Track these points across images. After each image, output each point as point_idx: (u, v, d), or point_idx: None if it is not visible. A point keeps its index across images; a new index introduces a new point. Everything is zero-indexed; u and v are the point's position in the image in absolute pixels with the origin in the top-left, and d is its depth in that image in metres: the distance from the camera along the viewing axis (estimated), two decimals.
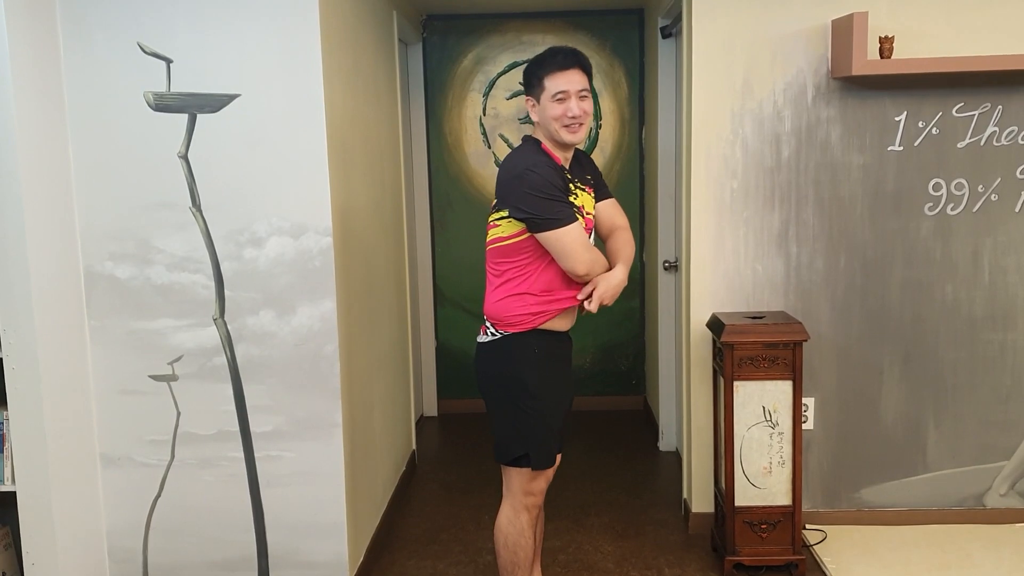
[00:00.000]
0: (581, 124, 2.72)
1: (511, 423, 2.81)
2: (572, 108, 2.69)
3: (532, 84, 2.75)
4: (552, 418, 2.83)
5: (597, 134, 5.42)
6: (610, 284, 2.77)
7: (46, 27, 2.88)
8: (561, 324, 2.84)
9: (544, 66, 2.72)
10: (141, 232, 3.03)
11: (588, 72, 2.76)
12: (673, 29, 4.41)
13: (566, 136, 2.72)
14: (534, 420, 2.79)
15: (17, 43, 2.71)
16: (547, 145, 2.77)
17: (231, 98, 2.96)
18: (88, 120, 2.97)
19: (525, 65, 2.83)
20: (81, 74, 2.95)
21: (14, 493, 2.89)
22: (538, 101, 2.74)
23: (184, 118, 2.97)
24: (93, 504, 3.12)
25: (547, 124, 2.73)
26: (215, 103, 2.96)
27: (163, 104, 2.96)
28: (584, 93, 2.72)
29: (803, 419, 3.44)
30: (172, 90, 2.95)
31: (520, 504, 2.87)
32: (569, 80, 2.69)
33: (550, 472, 2.88)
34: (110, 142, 2.98)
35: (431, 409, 5.64)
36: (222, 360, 3.08)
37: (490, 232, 2.82)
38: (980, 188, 3.58)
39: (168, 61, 2.94)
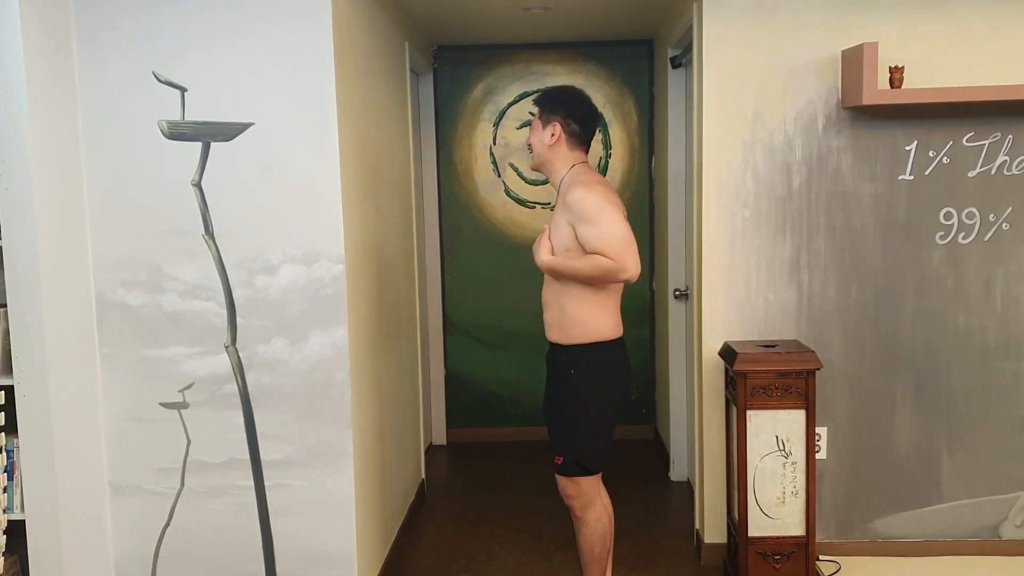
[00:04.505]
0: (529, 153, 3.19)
1: None
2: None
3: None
4: None
5: (607, 163, 5.43)
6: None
7: (62, 56, 2.91)
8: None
9: None
10: (154, 259, 3.04)
11: (537, 104, 3.16)
12: (683, 59, 4.44)
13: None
14: None
15: (33, 71, 2.74)
16: None
17: (245, 127, 2.98)
18: (102, 148, 3.00)
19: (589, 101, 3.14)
20: (96, 102, 2.98)
21: (23, 521, 2.88)
22: None
23: (198, 146, 2.99)
24: (102, 533, 3.11)
25: None
26: (229, 131, 2.98)
27: (177, 132, 2.98)
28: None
29: (816, 449, 3.42)
30: (186, 118, 2.97)
31: None
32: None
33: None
34: (124, 170, 3.00)
35: (440, 438, 5.62)
36: (233, 388, 3.07)
37: None
38: (991, 217, 3.57)
39: (183, 90, 2.96)
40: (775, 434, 3.33)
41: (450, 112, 5.44)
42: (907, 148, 3.55)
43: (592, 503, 3.11)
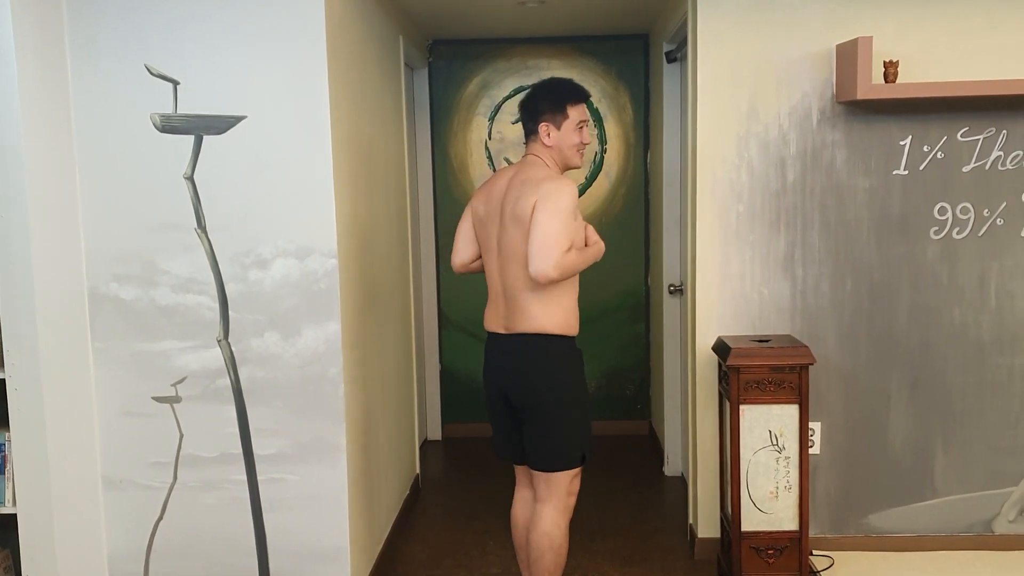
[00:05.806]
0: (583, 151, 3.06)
1: (581, 425, 3.10)
2: (587, 136, 3.01)
3: (555, 111, 2.95)
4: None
5: (602, 158, 5.42)
6: None
7: (55, 50, 2.89)
8: None
9: (570, 95, 2.97)
10: (146, 254, 3.03)
11: None
12: (678, 54, 4.43)
13: (577, 160, 3.03)
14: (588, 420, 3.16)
15: (26, 64, 2.73)
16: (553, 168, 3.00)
17: (237, 120, 2.97)
18: (95, 142, 2.99)
19: (531, 90, 3.03)
20: (89, 96, 2.97)
21: (15, 515, 2.87)
22: (559, 128, 2.95)
23: (190, 140, 2.98)
24: (94, 527, 3.10)
25: (564, 149, 2.97)
26: (221, 125, 2.97)
27: (170, 126, 2.97)
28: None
29: (810, 443, 3.42)
30: (179, 112, 2.96)
31: (564, 506, 3.07)
32: (585, 111, 3.01)
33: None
34: (117, 164, 2.99)
35: (435, 433, 5.62)
36: (226, 382, 3.07)
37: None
38: (986, 212, 3.57)
39: (175, 83, 2.95)
40: (768, 429, 3.33)
41: (445, 106, 5.43)
42: (902, 143, 3.55)
43: None
